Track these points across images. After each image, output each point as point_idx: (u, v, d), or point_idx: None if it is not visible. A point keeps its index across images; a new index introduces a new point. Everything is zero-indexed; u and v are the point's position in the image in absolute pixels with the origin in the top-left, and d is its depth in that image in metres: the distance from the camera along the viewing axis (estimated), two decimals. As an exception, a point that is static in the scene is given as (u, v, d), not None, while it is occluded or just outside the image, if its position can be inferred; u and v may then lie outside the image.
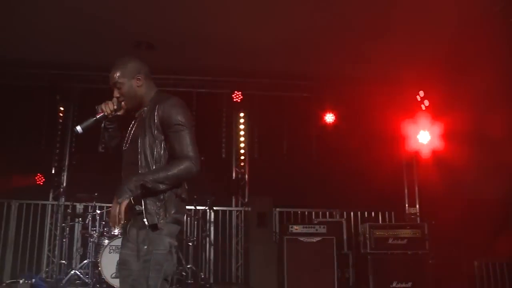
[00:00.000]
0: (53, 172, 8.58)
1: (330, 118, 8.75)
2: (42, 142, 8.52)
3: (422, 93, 8.30)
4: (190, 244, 7.67)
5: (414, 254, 7.07)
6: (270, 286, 7.36)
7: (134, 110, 3.09)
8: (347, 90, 8.48)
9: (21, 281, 6.55)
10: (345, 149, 8.16)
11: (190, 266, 7.53)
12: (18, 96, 8.40)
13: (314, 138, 9.01)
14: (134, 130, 3.03)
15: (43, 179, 8.46)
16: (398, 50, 7.10)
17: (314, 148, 9.00)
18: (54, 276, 7.62)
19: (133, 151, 2.96)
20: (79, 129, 2.94)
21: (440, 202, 7.64)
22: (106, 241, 6.76)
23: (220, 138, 9.11)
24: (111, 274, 6.42)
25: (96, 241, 6.93)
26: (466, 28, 6.38)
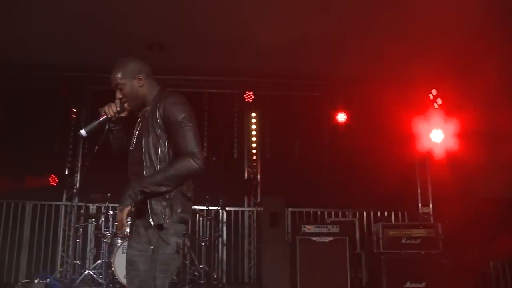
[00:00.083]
0: (66, 173, 8.67)
1: (342, 117, 8.73)
2: (55, 144, 8.57)
3: (434, 91, 8.24)
4: (203, 244, 7.69)
5: (428, 254, 6.99)
6: (282, 286, 7.34)
7: (138, 110, 3.08)
8: (359, 89, 8.43)
9: (36, 281, 6.63)
10: (357, 148, 8.12)
11: (202, 266, 7.54)
12: (32, 98, 8.46)
13: (326, 137, 8.98)
14: (139, 130, 3.03)
15: (57, 180, 8.54)
16: (410, 48, 7.04)
17: (326, 147, 8.96)
18: (68, 276, 7.67)
19: (138, 151, 2.96)
20: (83, 132, 2.95)
21: (453, 201, 7.56)
22: (119, 241, 6.80)
23: (232, 138, 9.11)
24: (124, 274, 6.43)
25: (109, 241, 6.97)
26: (478, 26, 6.32)
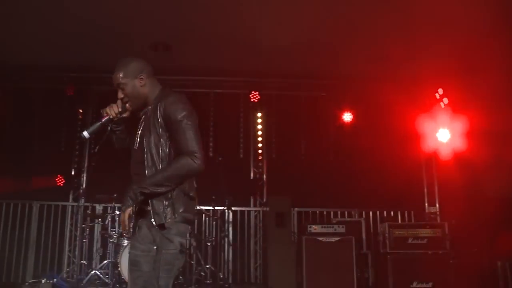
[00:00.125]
0: (72, 173, 8.69)
1: (348, 117, 8.70)
2: (62, 144, 8.59)
3: (441, 90, 8.20)
4: (209, 244, 7.69)
5: (435, 254, 6.96)
6: (288, 286, 7.33)
7: (140, 109, 3.08)
8: (365, 88, 8.41)
9: (43, 280, 6.66)
10: (363, 148, 8.09)
11: (209, 266, 7.54)
12: (38, 99, 8.52)
13: (332, 137, 8.95)
14: (141, 130, 3.03)
15: (63, 181, 8.57)
16: (416, 48, 7.02)
17: (332, 147, 8.94)
18: (74, 276, 7.69)
19: (140, 151, 2.96)
20: (86, 134, 2.96)
21: (460, 201, 7.52)
22: (126, 241, 6.81)
23: (237, 138, 9.10)
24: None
25: (115, 241, 6.98)
26: (485, 24, 6.28)
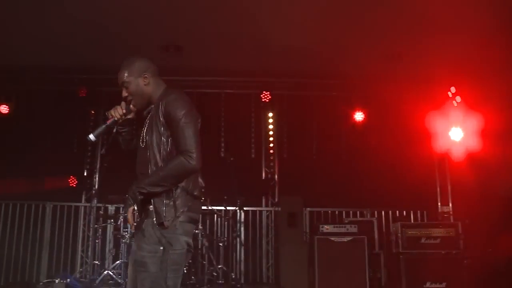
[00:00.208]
0: (85, 174, 8.76)
1: (359, 116, 8.65)
2: (74, 145, 8.64)
3: (453, 89, 8.14)
4: (221, 244, 7.71)
5: (448, 253, 6.91)
6: (301, 286, 7.32)
7: (144, 109, 3.08)
8: (377, 88, 8.33)
9: (56, 280, 6.71)
10: (375, 147, 8.07)
11: (221, 266, 7.56)
12: (50, 100, 8.57)
13: (343, 137, 8.92)
14: (145, 129, 3.03)
15: (76, 181, 8.63)
16: (428, 46, 6.97)
17: (344, 147, 8.90)
18: (87, 276, 7.73)
19: (144, 150, 2.96)
20: (92, 137, 2.96)
21: (474, 200, 7.47)
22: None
23: (249, 138, 9.10)
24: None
25: (128, 242, 7.00)
26: (498, 22, 6.23)
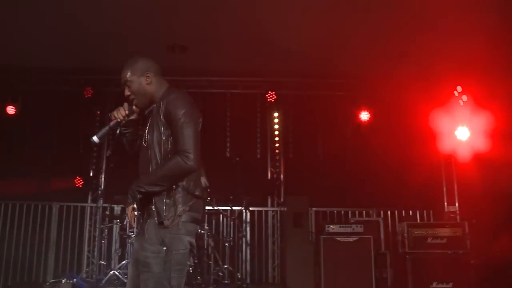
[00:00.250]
0: (91, 174, 8.78)
1: (365, 116, 8.64)
2: (80, 146, 8.67)
3: (460, 88, 8.09)
4: (227, 244, 7.71)
5: (455, 253, 6.86)
6: (306, 286, 7.31)
7: (146, 108, 3.08)
8: (382, 87, 8.31)
9: (63, 280, 6.73)
10: (381, 147, 8.03)
11: (226, 266, 7.56)
12: (56, 101, 8.61)
13: (349, 136, 8.91)
14: (147, 128, 3.04)
15: (82, 182, 8.65)
16: (434, 45, 6.94)
17: (350, 146, 8.89)
18: (94, 276, 7.76)
19: (146, 149, 2.98)
20: (96, 139, 2.98)
21: (480, 200, 7.42)
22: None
23: (255, 138, 9.10)
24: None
25: (134, 242, 7.01)
26: (504, 21, 6.19)
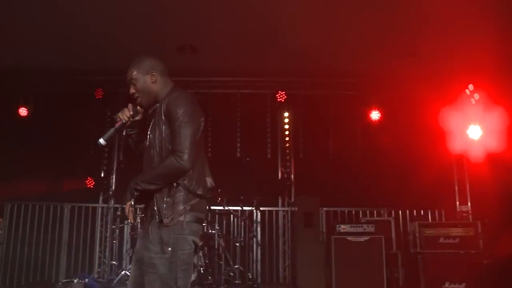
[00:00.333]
0: (102, 175, 8.82)
1: (375, 115, 8.58)
2: (91, 147, 8.70)
3: (471, 86, 8.01)
4: (238, 244, 7.71)
5: (467, 253, 6.80)
6: (318, 286, 7.30)
7: (150, 107, 3.09)
8: (393, 86, 8.29)
9: (75, 280, 6.79)
10: (392, 146, 8.00)
11: (237, 266, 7.55)
12: (68, 102, 8.66)
13: (359, 136, 8.88)
14: (150, 127, 3.04)
15: (93, 183, 8.69)
16: (445, 43, 6.90)
17: (360, 146, 8.86)
18: (105, 276, 7.81)
19: (149, 148, 2.99)
20: (102, 141, 2.98)
21: (493, 199, 7.35)
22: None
23: (265, 138, 9.10)
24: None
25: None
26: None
